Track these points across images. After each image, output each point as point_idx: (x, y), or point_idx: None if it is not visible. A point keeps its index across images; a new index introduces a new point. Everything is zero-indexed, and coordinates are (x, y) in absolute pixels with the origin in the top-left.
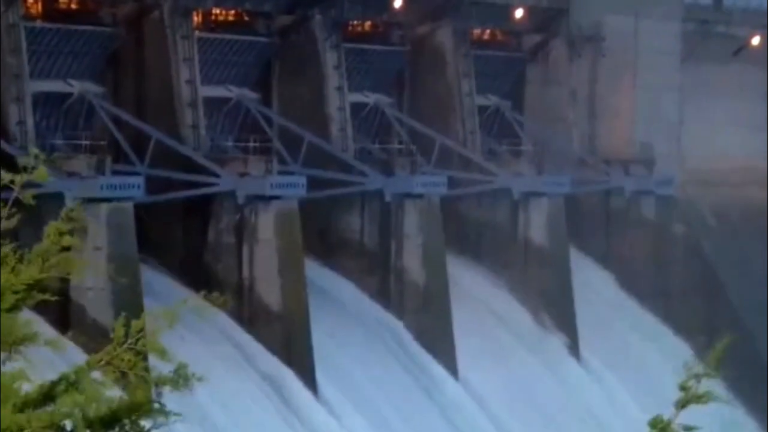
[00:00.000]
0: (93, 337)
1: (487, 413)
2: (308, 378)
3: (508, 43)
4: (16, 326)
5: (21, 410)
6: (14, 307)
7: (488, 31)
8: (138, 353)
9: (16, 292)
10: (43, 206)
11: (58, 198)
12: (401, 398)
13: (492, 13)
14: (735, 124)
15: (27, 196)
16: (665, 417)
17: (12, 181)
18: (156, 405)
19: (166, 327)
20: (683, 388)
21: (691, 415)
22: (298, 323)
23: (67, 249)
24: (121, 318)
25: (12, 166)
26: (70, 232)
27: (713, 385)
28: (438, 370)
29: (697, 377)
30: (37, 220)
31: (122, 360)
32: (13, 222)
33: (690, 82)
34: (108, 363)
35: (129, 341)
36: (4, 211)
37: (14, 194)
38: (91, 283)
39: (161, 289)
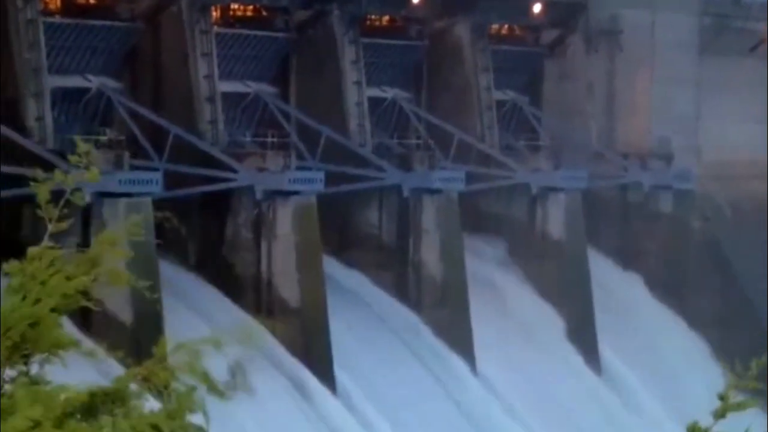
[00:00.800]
0: (112, 334)
1: (505, 406)
2: (326, 372)
3: (525, 38)
4: (58, 331)
5: (62, 423)
6: (57, 311)
7: (506, 26)
8: (173, 372)
9: (67, 296)
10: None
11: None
12: (418, 392)
13: (510, 8)
14: (752, 119)
15: (78, 197)
16: (702, 424)
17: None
18: (192, 422)
19: (210, 351)
20: (722, 398)
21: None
22: (316, 318)
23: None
24: (164, 337)
25: (32, 161)
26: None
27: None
28: (456, 364)
29: (736, 387)
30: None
31: (159, 377)
32: (64, 225)
33: (707, 76)
34: (144, 379)
35: (168, 360)
36: (55, 212)
37: (66, 194)
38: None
39: (180, 284)
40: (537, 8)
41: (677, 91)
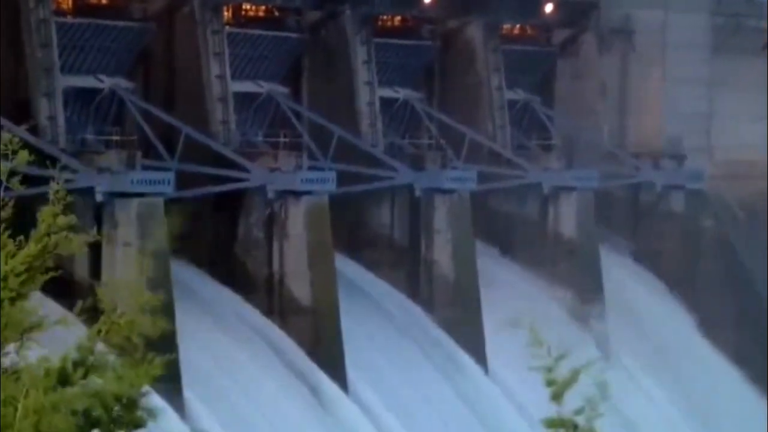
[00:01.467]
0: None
1: (517, 406)
2: (338, 372)
3: (537, 38)
4: (23, 315)
5: (47, 392)
6: (20, 295)
7: (518, 26)
8: (132, 318)
9: (18, 275)
10: (76, 201)
11: (89, 193)
12: (430, 391)
13: (522, 8)
14: (764, 118)
15: (14, 183)
16: (554, 417)
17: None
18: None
19: (211, 343)
20: (550, 382)
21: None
22: (328, 317)
23: (64, 230)
24: (100, 288)
25: (44, 160)
26: (64, 212)
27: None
28: (467, 363)
29: (556, 363)
30: (69, 214)
31: (120, 325)
32: (8, 212)
33: (719, 75)
34: (107, 332)
35: (118, 312)
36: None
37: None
38: (122, 278)
39: (192, 283)
40: (549, 8)
41: (689, 90)
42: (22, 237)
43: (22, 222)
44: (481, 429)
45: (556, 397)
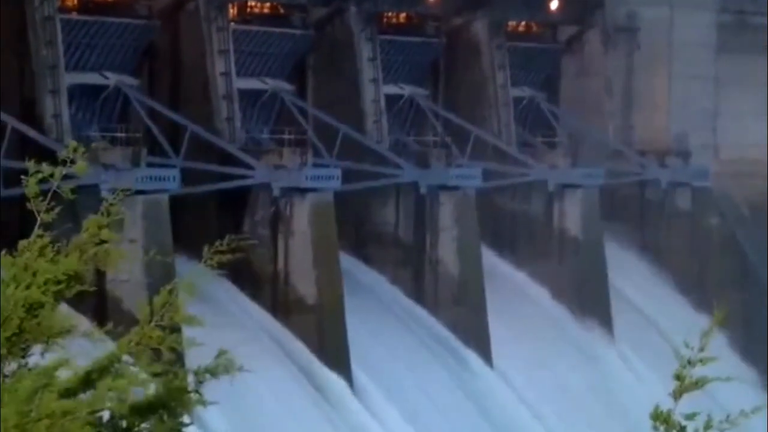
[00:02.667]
0: (129, 328)
1: (522, 404)
2: (343, 369)
3: (543, 35)
4: (55, 318)
5: (64, 397)
6: (54, 299)
7: (523, 23)
8: (165, 329)
9: (57, 282)
10: (79, 198)
11: (93, 190)
12: (436, 389)
13: (527, 5)
14: None
15: (66, 190)
16: (664, 408)
17: (52, 174)
18: (194, 394)
19: (189, 298)
20: (678, 377)
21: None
22: (332, 315)
23: (104, 242)
24: (144, 297)
25: (49, 158)
26: (108, 226)
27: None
28: (473, 361)
29: (691, 364)
30: (73, 211)
31: (151, 337)
32: (52, 215)
33: (725, 73)
34: (138, 343)
35: (155, 318)
36: (43, 204)
37: (53, 187)
38: (127, 276)
39: (197, 281)
40: (554, 5)
41: (695, 88)
42: (64, 242)
43: (25, 219)
44: (487, 426)
45: (677, 394)
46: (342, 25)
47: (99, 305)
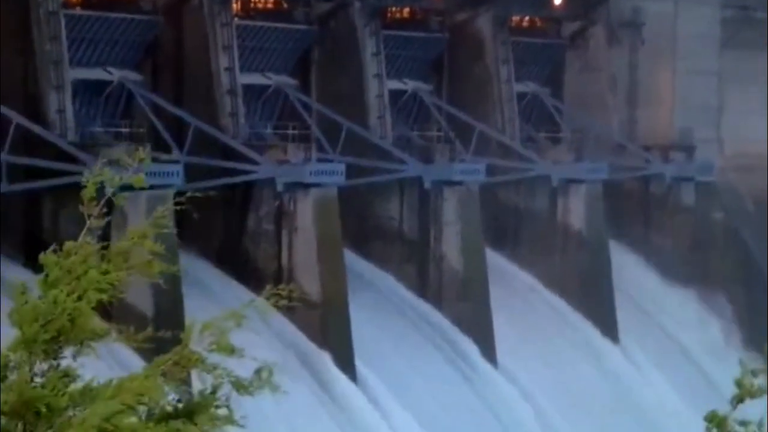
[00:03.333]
0: (132, 325)
1: (526, 399)
2: (347, 365)
3: (547, 30)
4: (92, 324)
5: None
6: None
7: (527, 18)
8: (200, 355)
9: (102, 291)
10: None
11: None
12: (439, 385)
13: (531, 0)
14: None
15: (120, 198)
16: (720, 412)
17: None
18: (222, 409)
19: (234, 327)
20: (738, 384)
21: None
22: (336, 311)
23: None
24: (192, 319)
25: (52, 153)
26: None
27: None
28: (476, 356)
29: (753, 373)
30: (76, 209)
31: (189, 360)
32: (103, 222)
33: (729, 68)
34: (176, 363)
35: (200, 340)
36: (95, 209)
37: (107, 195)
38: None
39: (201, 276)
40: (558, 0)
41: (699, 82)
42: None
43: (30, 215)
44: (491, 421)
45: (736, 400)
46: (345, 20)
47: (103, 302)
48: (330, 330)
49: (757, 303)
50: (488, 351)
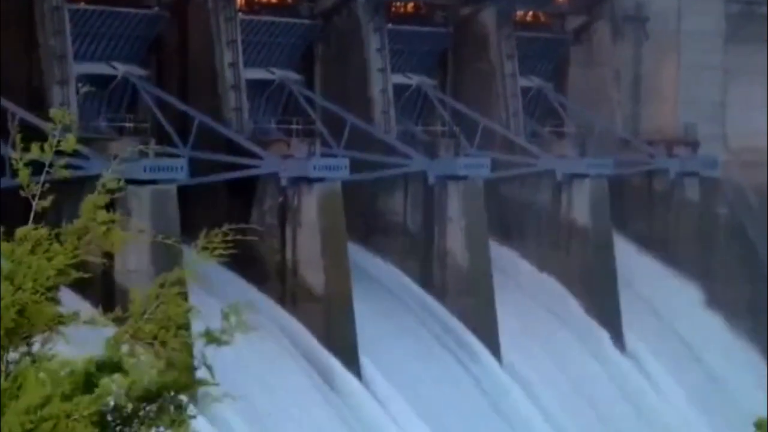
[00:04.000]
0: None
1: (531, 395)
2: (351, 360)
3: (551, 25)
4: (48, 311)
5: (69, 398)
6: (50, 288)
7: (531, 13)
8: (159, 324)
9: (51, 277)
10: (87, 188)
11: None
12: (444, 380)
13: None
14: None
15: (61, 170)
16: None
17: (51, 165)
18: (199, 379)
19: (193, 285)
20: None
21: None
22: (341, 305)
23: (105, 224)
24: (135, 289)
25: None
26: (107, 207)
27: None
28: (481, 352)
29: None
30: (79, 203)
31: (144, 332)
32: (47, 202)
33: (734, 63)
34: (132, 336)
35: (148, 311)
36: (37, 190)
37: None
38: (135, 266)
39: (204, 271)
40: None
41: (703, 77)
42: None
43: (32, 209)
44: (495, 416)
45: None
46: (350, 14)
47: (107, 295)
48: (334, 324)
49: (761, 297)
50: (492, 345)
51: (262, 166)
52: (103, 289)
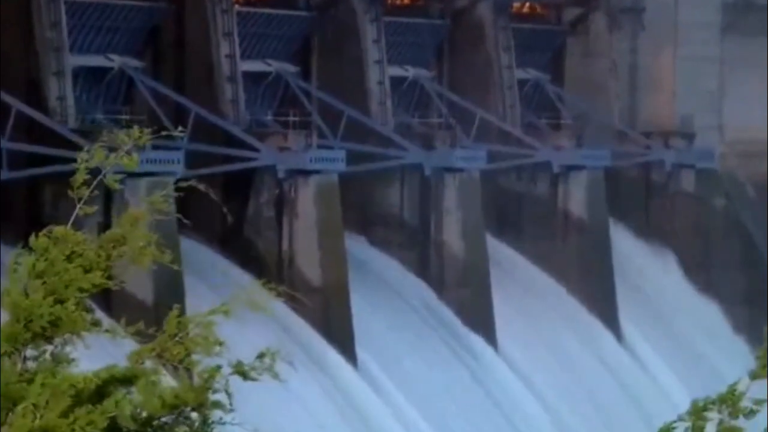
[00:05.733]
0: (133, 313)
1: (527, 386)
2: (348, 351)
3: (547, 16)
4: (79, 314)
5: (69, 412)
6: (79, 301)
7: (528, 4)
8: (186, 346)
9: (83, 290)
10: (85, 180)
11: (96, 173)
12: (440, 372)
13: None
14: None
15: (111, 181)
16: (736, 391)
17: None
18: (215, 399)
19: (221, 319)
20: (759, 357)
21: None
22: (337, 297)
23: (143, 239)
24: (175, 311)
25: (53, 140)
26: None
27: None
28: (477, 343)
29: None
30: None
31: (172, 353)
32: (93, 208)
33: (731, 54)
34: (158, 355)
35: (180, 334)
36: (84, 194)
37: (99, 177)
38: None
39: (202, 263)
40: None
41: (700, 69)
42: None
43: (31, 202)
44: (491, 408)
45: (755, 375)
46: (346, 6)
47: (103, 291)
48: (331, 316)
49: (758, 288)
50: (489, 337)
51: (259, 159)
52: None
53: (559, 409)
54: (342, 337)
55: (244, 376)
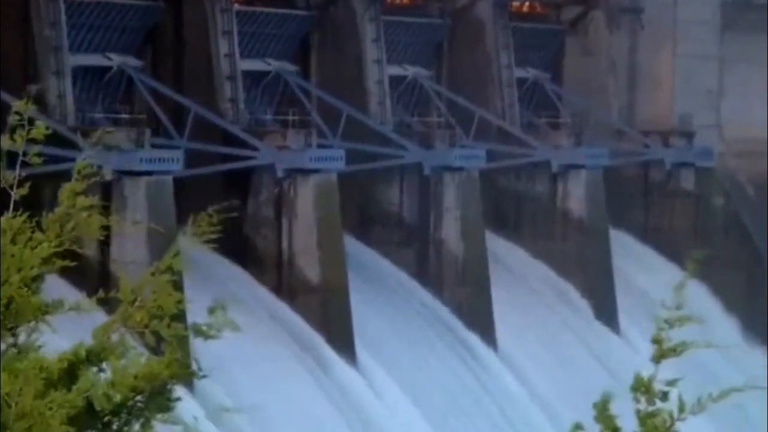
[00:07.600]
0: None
1: (526, 385)
2: (347, 351)
3: (547, 15)
4: (36, 300)
5: (43, 394)
6: (35, 278)
7: (527, 3)
8: (148, 310)
9: (32, 268)
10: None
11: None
12: (439, 369)
13: None
14: None
15: (33, 157)
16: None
17: (25, 153)
18: (190, 370)
19: (189, 276)
20: (655, 341)
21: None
22: (337, 296)
23: (85, 209)
24: (124, 276)
25: (53, 139)
26: (85, 192)
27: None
28: (477, 343)
29: (669, 324)
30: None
31: (136, 320)
32: (25, 190)
33: (730, 52)
34: (123, 325)
35: (139, 299)
36: (13, 179)
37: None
38: (131, 257)
39: (201, 262)
40: None
41: (699, 67)
42: (35, 219)
43: (29, 201)
44: (491, 406)
45: (656, 358)
46: (345, 5)
47: (103, 286)
48: (330, 315)
49: (758, 287)
50: (488, 335)
51: (258, 158)
52: (99, 281)
53: (558, 408)
54: (341, 337)
55: (204, 335)
